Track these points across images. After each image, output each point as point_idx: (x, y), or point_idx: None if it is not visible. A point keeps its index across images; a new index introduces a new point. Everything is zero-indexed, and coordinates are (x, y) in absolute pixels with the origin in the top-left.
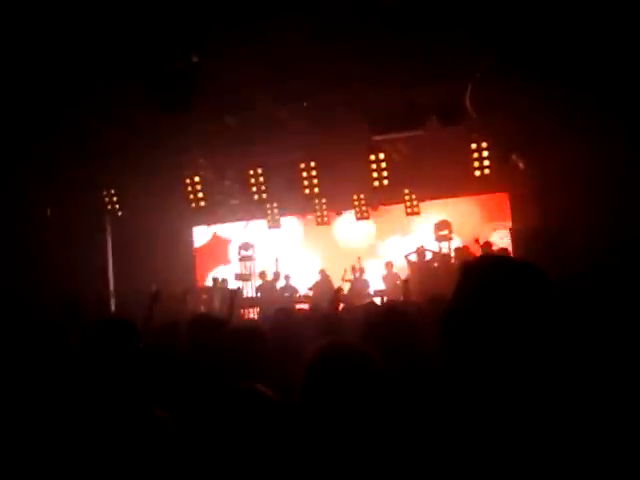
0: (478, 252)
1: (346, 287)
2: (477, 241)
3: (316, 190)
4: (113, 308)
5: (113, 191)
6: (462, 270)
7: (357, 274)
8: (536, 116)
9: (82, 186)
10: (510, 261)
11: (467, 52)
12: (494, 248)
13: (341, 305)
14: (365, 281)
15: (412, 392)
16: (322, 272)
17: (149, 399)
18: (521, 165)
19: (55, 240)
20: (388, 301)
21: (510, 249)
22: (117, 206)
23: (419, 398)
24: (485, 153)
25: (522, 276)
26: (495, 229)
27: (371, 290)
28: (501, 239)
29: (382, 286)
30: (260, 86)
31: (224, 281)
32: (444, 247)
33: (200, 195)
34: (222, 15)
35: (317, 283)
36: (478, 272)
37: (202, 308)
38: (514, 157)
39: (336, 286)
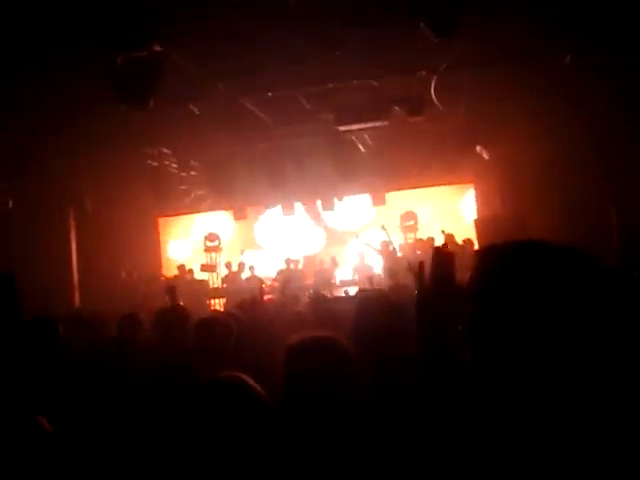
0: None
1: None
2: (443, 232)
3: (281, 181)
4: (77, 301)
5: (76, 182)
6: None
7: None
8: (501, 108)
9: (44, 178)
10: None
11: (432, 44)
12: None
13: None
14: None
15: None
16: (288, 261)
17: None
18: (485, 156)
19: (17, 232)
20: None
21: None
22: (80, 197)
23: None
24: (450, 144)
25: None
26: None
27: (337, 281)
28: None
29: (352, 277)
30: (225, 76)
31: (190, 271)
32: (410, 238)
33: (165, 186)
34: (186, 2)
35: (282, 272)
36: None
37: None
38: (479, 148)
39: None
